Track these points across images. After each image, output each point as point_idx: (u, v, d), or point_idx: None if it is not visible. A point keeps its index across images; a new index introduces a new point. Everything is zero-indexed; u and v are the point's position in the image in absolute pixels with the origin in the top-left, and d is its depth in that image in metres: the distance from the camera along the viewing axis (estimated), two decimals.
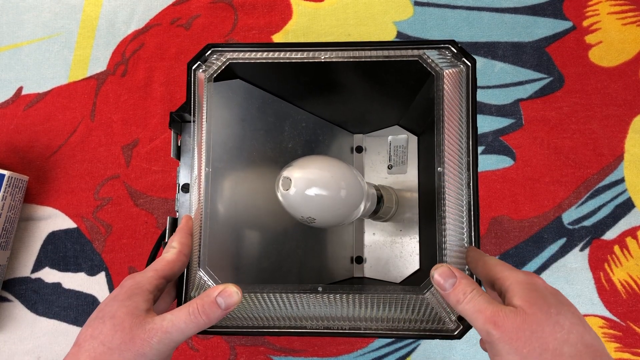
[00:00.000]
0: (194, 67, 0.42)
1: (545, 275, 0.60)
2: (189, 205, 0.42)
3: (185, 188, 0.42)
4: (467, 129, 0.41)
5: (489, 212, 0.61)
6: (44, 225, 0.64)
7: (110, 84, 0.67)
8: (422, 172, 0.54)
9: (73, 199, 0.64)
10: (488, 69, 0.64)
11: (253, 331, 0.41)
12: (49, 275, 0.63)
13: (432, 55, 0.41)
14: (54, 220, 0.64)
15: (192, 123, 0.42)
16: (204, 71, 0.42)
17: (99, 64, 0.67)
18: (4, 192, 0.59)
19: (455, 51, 0.41)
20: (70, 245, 0.63)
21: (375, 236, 0.58)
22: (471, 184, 0.41)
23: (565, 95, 0.63)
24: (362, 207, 0.46)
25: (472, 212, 0.40)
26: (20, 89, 0.67)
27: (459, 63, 0.42)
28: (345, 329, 0.40)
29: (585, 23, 0.64)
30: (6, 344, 0.61)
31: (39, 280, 0.63)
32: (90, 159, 0.65)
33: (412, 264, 0.55)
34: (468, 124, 0.41)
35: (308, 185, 0.41)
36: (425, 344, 0.60)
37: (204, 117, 0.41)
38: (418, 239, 0.55)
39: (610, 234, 0.60)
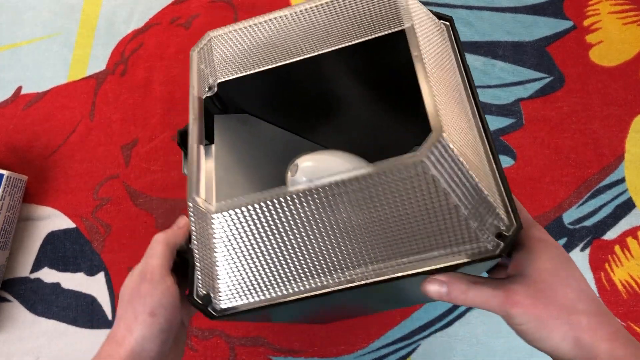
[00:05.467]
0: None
1: None
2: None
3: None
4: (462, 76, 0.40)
5: None
6: (43, 225, 0.64)
7: (110, 83, 0.66)
8: None
9: (72, 199, 0.64)
10: (488, 69, 0.64)
11: (268, 305, 0.37)
12: (48, 275, 0.63)
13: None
14: (53, 220, 0.64)
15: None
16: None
17: (98, 64, 0.67)
18: (3, 191, 0.59)
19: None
20: (69, 245, 0.63)
21: None
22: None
23: (565, 95, 0.63)
24: None
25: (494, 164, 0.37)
26: (19, 89, 0.67)
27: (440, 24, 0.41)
28: (370, 278, 0.35)
29: (586, 23, 0.64)
30: (5, 344, 0.61)
31: (38, 280, 0.63)
32: (89, 158, 0.65)
33: None
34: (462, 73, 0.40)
35: (314, 170, 0.40)
36: (426, 345, 0.60)
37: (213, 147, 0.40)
38: None
39: (611, 234, 0.60)
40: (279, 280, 0.37)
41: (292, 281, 0.37)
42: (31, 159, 0.65)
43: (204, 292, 0.39)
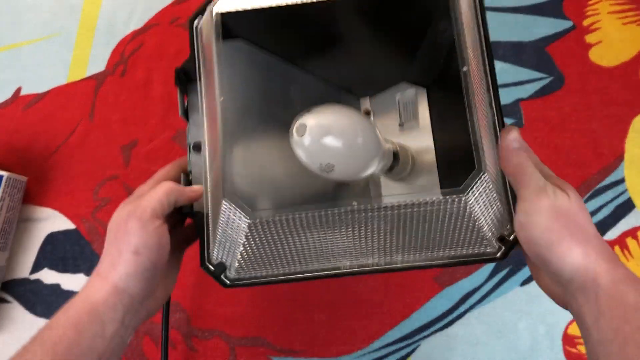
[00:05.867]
0: (195, 24, 0.41)
1: None
2: (202, 164, 0.41)
3: (197, 147, 0.41)
4: (480, 38, 0.41)
5: None
6: (42, 226, 0.64)
7: (110, 84, 0.66)
8: (435, 124, 0.52)
9: (72, 200, 0.64)
10: None
11: (286, 278, 0.40)
12: (48, 276, 0.63)
13: None
14: (52, 221, 0.64)
15: (197, 81, 0.41)
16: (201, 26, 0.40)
17: (98, 64, 0.67)
18: (3, 192, 0.59)
19: None
20: (69, 246, 0.63)
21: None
22: (491, 89, 0.40)
23: (565, 95, 0.63)
24: (379, 158, 0.44)
25: (496, 115, 0.40)
26: (19, 89, 0.67)
27: None
28: (380, 266, 0.39)
29: (585, 22, 0.64)
30: (5, 345, 0.61)
31: (38, 281, 0.63)
32: (89, 159, 0.65)
33: None
34: (479, 32, 0.40)
35: (324, 130, 0.39)
36: (426, 345, 0.60)
37: (215, 65, 0.39)
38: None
39: (611, 234, 0.60)
40: (297, 264, 0.40)
41: (309, 264, 0.40)
42: (31, 160, 0.65)
43: (218, 261, 0.41)
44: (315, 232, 0.37)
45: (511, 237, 0.38)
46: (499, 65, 0.64)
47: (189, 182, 0.42)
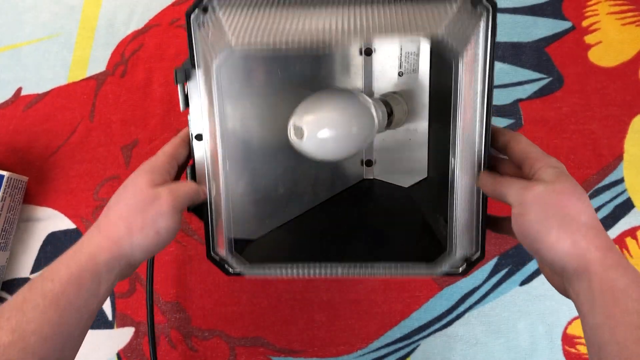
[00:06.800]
0: (193, 18, 0.40)
1: None
2: (204, 153, 0.42)
3: (199, 137, 0.42)
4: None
5: (489, 212, 0.61)
6: (43, 226, 0.64)
7: (110, 84, 0.67)
8: (434, 76, 0.53)
9: (72, 200, 0.64)
10: None
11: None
12: None
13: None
14: (53, 221, 0.64)
15: (196, 69, 0.41)
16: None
17: (98, 65, 0.67)
18: (4, 192, 0.59)
19: None
20: (70, 246, 0.63)
21: (385, 142, 0.59)
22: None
23: (564, 96, 0.63)
24: (375, 131, 0.48)
25: (485, 107, 0.40)
26: (19, 90, 0.67)
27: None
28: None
29: (585, 23, 0.64)
30: None
31: None
32: (89, 159, 0.65)
33: (420, 171, 0.58)
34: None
35: (320, 131, 0.43)
36: (425, 345, 0.60)
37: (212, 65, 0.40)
38: (427, 146, 0.57)
39: (610, 234, 0.60)
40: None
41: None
42: (31, 160, 0.65)
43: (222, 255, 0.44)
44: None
45: (474, 258, 0.43)
46: (498, 65, 0.64)
47: (193, 174, 0.43)
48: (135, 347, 0.61)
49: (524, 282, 0.60)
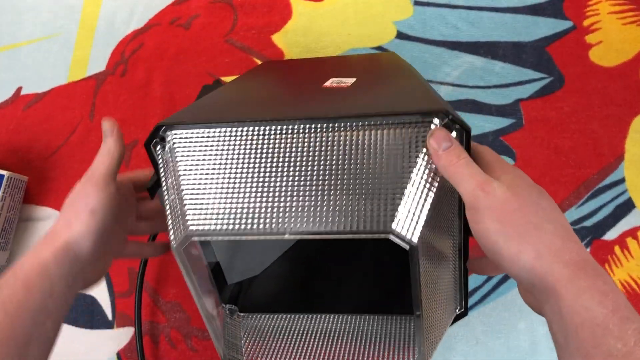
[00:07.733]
0: (152, 145, 0.41)
1: None
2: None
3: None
4: None
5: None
6: (43, 226, 0.64)
7: (110, 84, 0.66)
8: None
9: None
10: (488, 69, 0.64)
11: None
12: None
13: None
14: (53, 220, 0.64)
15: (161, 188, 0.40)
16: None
17: (98, 64, 0.67)
18: (4, 192, 0.59)
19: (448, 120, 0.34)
20: None
21: None
22: None
23: (565, 95, 0.63)
24: None
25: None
26: (19, 89, 0.67)
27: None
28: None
29: (586, 23, 0.64)
30: None
31: None
32: (89, 159, 0.64)
33: None
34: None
35: None
36: None
37: None
38: None
39: (611, 235, 0.60)
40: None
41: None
42: (31, 160, 0.65)
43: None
44: None
45: (458, 312, 0.45)
46: (499, 65, 0.64)
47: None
48: (135, 347, 0.61)
49: None
